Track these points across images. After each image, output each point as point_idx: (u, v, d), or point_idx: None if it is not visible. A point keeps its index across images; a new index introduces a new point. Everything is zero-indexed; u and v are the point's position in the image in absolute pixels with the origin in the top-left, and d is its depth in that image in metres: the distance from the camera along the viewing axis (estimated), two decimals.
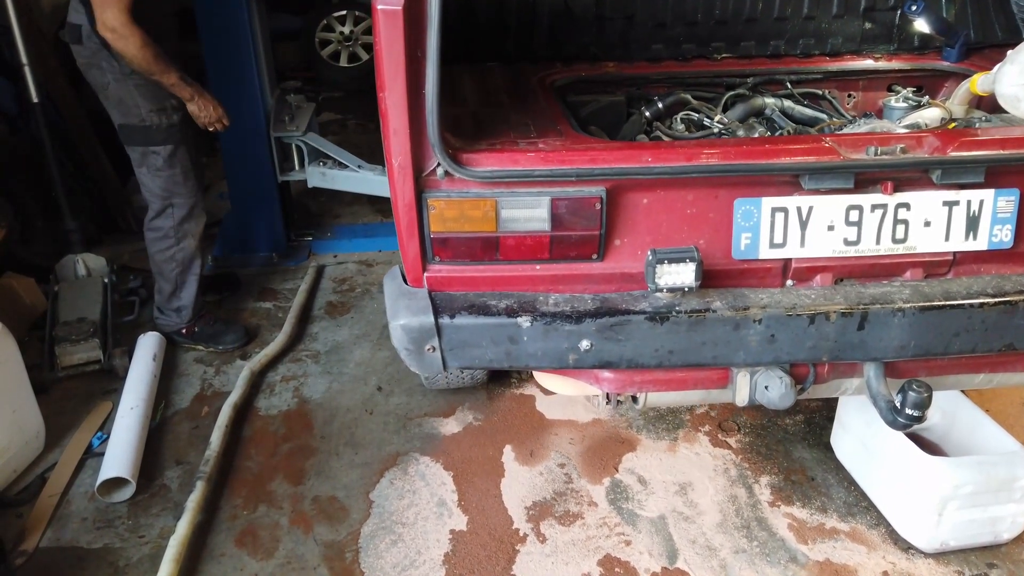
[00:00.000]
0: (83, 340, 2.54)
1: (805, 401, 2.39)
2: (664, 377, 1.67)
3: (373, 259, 3.40)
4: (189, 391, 2.52)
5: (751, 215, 1.56)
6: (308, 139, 3.20)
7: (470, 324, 1.55)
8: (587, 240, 1.57)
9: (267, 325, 2.89)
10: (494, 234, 1.56)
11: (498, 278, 1.61)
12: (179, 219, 2.53)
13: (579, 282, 1.61)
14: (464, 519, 1.99)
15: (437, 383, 2.40)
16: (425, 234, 1.56)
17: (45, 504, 2.03)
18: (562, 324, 1.54)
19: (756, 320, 1.54)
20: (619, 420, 2.33)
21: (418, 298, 1.59)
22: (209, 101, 2.38)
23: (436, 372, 1.66)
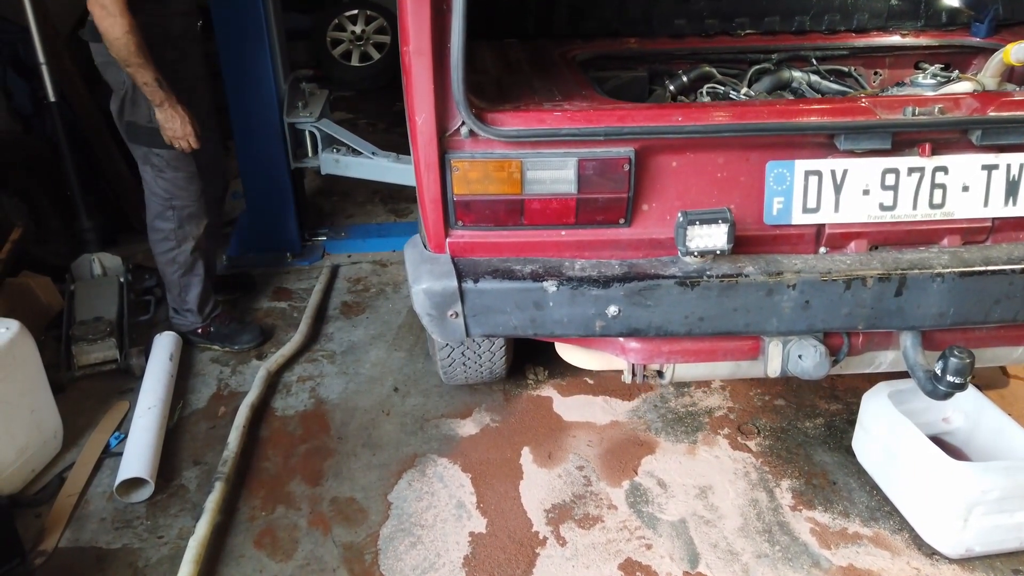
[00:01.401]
0: (100, 339, 2.54)
1: (825, 404, 2.38)
2: (693, 347, 1.62)
3: (388, 259, 3.39)
4: (206, 391, 2.52)
5: (784, 179, 1.51)
6: (322, 125, 3.18)
7: (494, 289, 1.51)
8: (615, 203, 1.52)
9: (282, 325, 2.89)
10: (519, 197, 1.51)
11: (522, 244, 1.57)
12: (179, 222, 2.51)
13: (606, 248, 1.55)
14: (483, 521, 1.98)
15: (455, 378, 2.35)
16: (448, 197, 1.51)
17: (64, 504, 2.03)
18: (589, 289, 1.48)
19: (790, 285, 1.48)
20: (637, 422, 2.32)
21: (441, 263, 1.55)
22: (179, 114, 2.26)
23: (459, 339, 1.60)
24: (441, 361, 2.27)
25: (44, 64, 2.69)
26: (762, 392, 2.44)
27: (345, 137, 3.19)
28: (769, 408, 2.37)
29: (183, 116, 2.26)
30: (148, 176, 2.44)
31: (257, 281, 3.17)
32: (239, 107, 3.07)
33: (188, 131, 2.28)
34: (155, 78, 2.18)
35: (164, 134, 2.29)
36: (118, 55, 2.13)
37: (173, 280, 2.60)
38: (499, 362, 2.30)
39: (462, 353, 2.22)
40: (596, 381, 2.52)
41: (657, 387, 2.47)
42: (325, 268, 3.25)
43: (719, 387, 2.47)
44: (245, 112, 3.08)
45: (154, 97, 2.22)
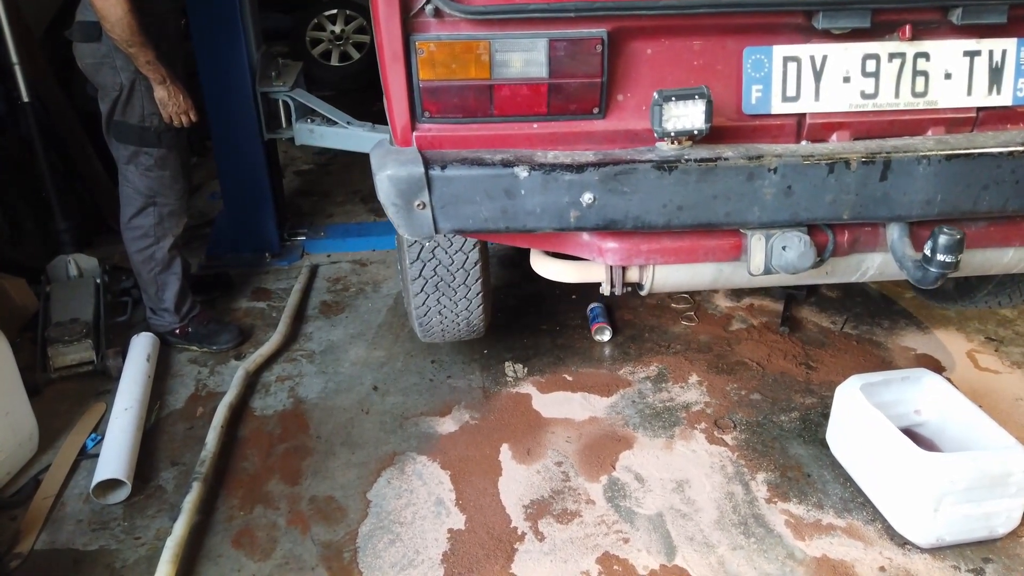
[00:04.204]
0: (76, 341, 2.52)
1: (800, 398, 2.41)
2: (672, 245, 1.57)
3: (367, 258, 3.39)
4: (183, 392, 2.51)
5: (762, 65, 1.48)
6: (295, 95, 3.15)
7: (463, 176, 1.45)
8: (588, 90, 1.47)
9: (261, 325, 2.88)
10: (488, 82, 1.46)
11: (492, 137, 1.51)
12: (159, 218, 2.51)
13: (580, 142, 1.51)
14: (462, 518, 1.99)
15: (432, 331, 2.29)
16: (414, 84, 1.46)
17: (39, 506, 2.01)
18: (563, 174, 1.44)
19: (771, 169, 1.45)
20: (615, 418, 2.34)
21: (407, 152, 1.49)
22: (179, 89, 2.33)
23: (427, 234, 1.54)
24: (416, 310, 2.23)
25: (17, 64, 2.67)
26: (738, 387, 2.47)
27: (319, 106, 3.16)
28: (745, 403, 2.39)
29: (184, 92, 2.32)
30: (132, 175, 2.43)
31: (235, 281, 3.16)
32: (211, 76, 3.01)
33: (189, 105, 2.34)
34: (156, 56, 2.21)
35: (165, 111, 2.32)
36: (120, 36, 2.13)
37: (149, 279, 2.59)
38: (476, 312, 2.25)
39: (437, 300, 2.19)
40: (575, 378, 2.53)
41: (635, 382, 2.50)
42: (304, 268, 3.24)
43: (696, 382, 2.49)
44: (217, 82, 3.02)
45: (156, 75, 2.24)
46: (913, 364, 2.56)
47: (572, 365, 2.60)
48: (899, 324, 2.79)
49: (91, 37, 2.24)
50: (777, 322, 2.81)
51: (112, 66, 2.27)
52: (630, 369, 2.57)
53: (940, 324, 2.78)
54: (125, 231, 2.55)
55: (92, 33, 2.24)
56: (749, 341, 2.71)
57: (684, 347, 2.68)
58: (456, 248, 2.10)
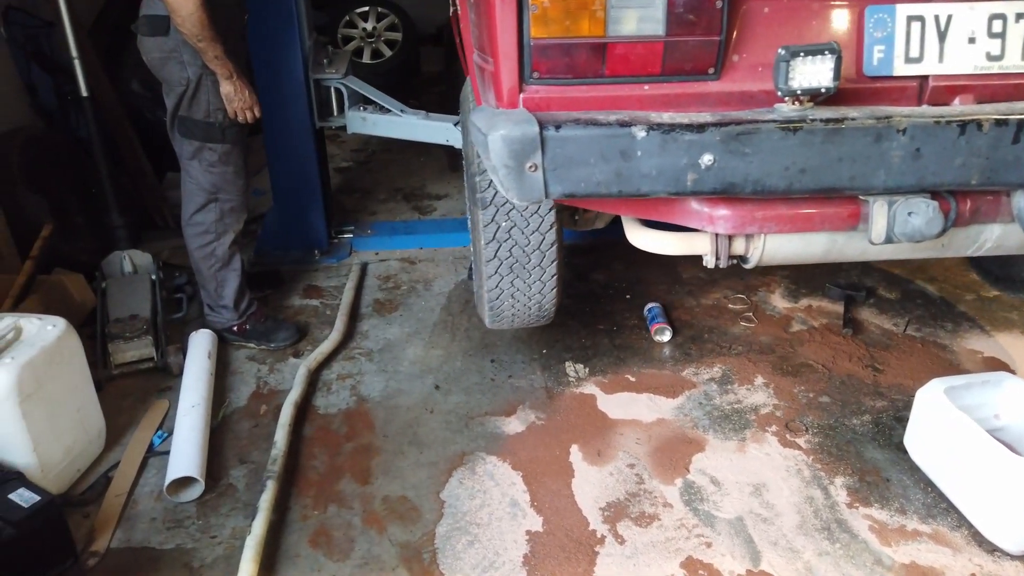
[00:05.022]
0: (136, 338, 2.51)
1: (870, 401, 2.37)
2: (788, 213, 1.51)
3: (415, 256, 3.37)
4: (245, 389, 2.49)
5: (884, 24, 1.43)
6: (348, 82, 3.12)
7: (578, 136, 1.40)
8: (705, 48, 1.43)
9: (316, 323, 2.86)
10: (602, 40, 1.42)
11: (601, 99, 1.47)
12: (221, 214, 2.50)
13: (692, 103, 1.46)
14: (539, 520, 1.96)
15: (502, 317, 2.25)
16: (525, 42, 1.42)
17: (112, 504, 2.00)
18: (683, 134, 1.38)
19: (900, 130, 1.39)
20: (684, 420, 2.31)
21: (519, 113, 1.44)
22: (246, 85, 2.33)
23: (537, 198, 1.48)
24: (488, 293, 2.19)
25: (77, 59, 2.65)
26: (806, 389, 2.43)
27: (373, 94, 3.13)
28: (815, 405, 2.36)
29: (250, 87, 2.32)
30: (195, 170, 2.41)
31: (286, 278, 3.14)
32: (264, 64, 2.97)
33: (254, 100, 2.34)
34: (223, 50, 2.20)
35: (230, 107, 2.31)
36: (191, 30, 2.12)
37: (209, 275, 2.57)
38: (549, 296, 2.22)
39: (511, 283, 2.18)
40: (638, 379, 2.50)
41: (700, 384, 2.46)
42: (355, 265, 3.22)
43: (762, 384, 2.46)
44: (270, 69, 2.96)
45: (223, 70, 2.23)
46: (981, 367, 2.52)
47: (634, 366, 2.57)
48: (962, 327, 2.75)
49: (159, 31, 2.22)
50: (838, 323, 2.78)
51: (179, 61, 2.25)
52: (693, 370, 2.54)
53: (1003, 327, 2.74)
54: (186, 227, 2.53)
55: (160, 27, 2.22)
56: (812, 343, 2.68)
57: (746, 348, 2.65)
58: (533, 228, 2.08)
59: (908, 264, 3.19)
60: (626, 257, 3.30)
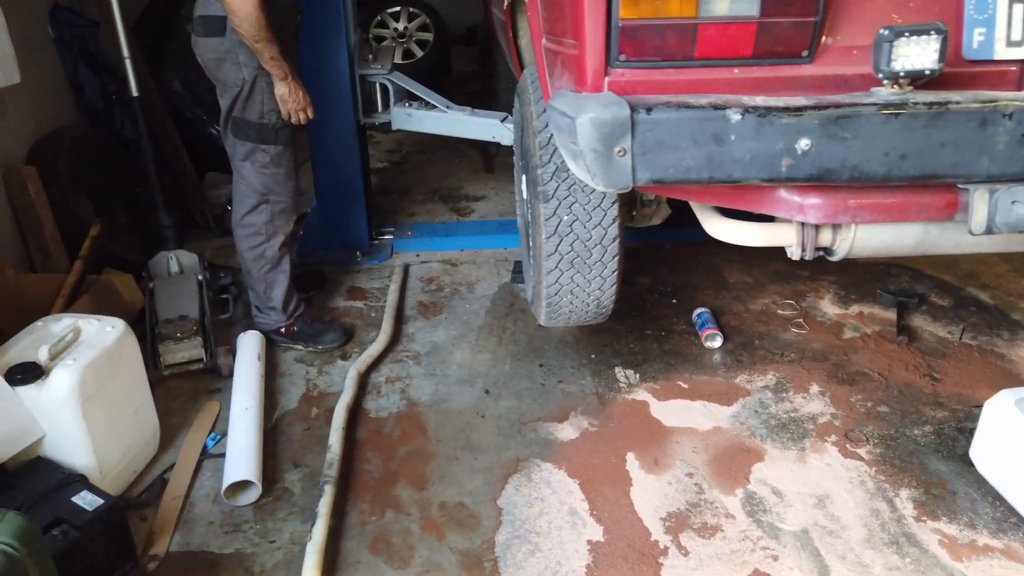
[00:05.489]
0: (186, 338, 2.51)
1: (930, 411, 2.33)
2: (883, 202, 1.46)
3: (457, 258, 3.35)
4: (295, 391, 2.48)
5: (985, 6, 1.38)
6: (394, 78, 3.11)
7: (670, 119, 1.36)
8: (800, 30, 1.39)
9: (362, 325, 2.85)
10: (693, 21, 1.39)
11: (689, 83, 1.43)
12: (271, 215, 2.49)
13: (783, 87, 1.42)
14: (599, 529, 1.93)
15: (559, 313, 2.22)
16: (613, 24, 1.39)
17: (170, 507, 1.99)
18: (779, 118, 1.34)
19: (1007, 114, 1.34)
20: (740, 428, 2.27)
21: (608, 96, 1.41)
22: (301, 86, 2.33)
23: (624, 184, 1.44)
24: (547, 289, 2.16)
25: (128, 58, 2.65)
26: (863, 398, 2.39)
27: (419, 90, 3.11)
28: (874, 415, 2.32)
29: (304, 89, 2.31)
30: (248, 172, 2.40)
31: (329, 279, 3.13)
32: (311, 58, 2.90)
33: (307, 101, 2.33)
34: (279, 51, 2.19)
35: (284, 108, 2.30)
36: (248, 31, 2.10)
37: (259, 276, 2.56)
38: (609, 292, 2.20)
39: (571, 279, 2.15)
40: (691, 385, 2.47)
41: (754, 391, 2.43)
42: (397, 267, 3.21)
43: (818, 393, 2.42)
44: (316, 65, 2.92)
45: (279, 71, 2.22)
46: None
47: (685, 372, 2.54)
48: (1019, 335, 2.69)
49: (215, 32, 2.21)
50: (891, 331, 2.73)
51: (235, 62, 2.24)
52: (746, 377, 2.50)
53: None
54: (237, 228, 2.52)
55: (216, 28, 2.21)
56: (866, 350, 2.63)
57: (799, 355, 2.61)
58: (595, 223, 2.05)
59: (958, 270, 3.13)
60: (670, 261, 3.27)
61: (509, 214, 3.81)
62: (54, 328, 1.99)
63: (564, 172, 2.03)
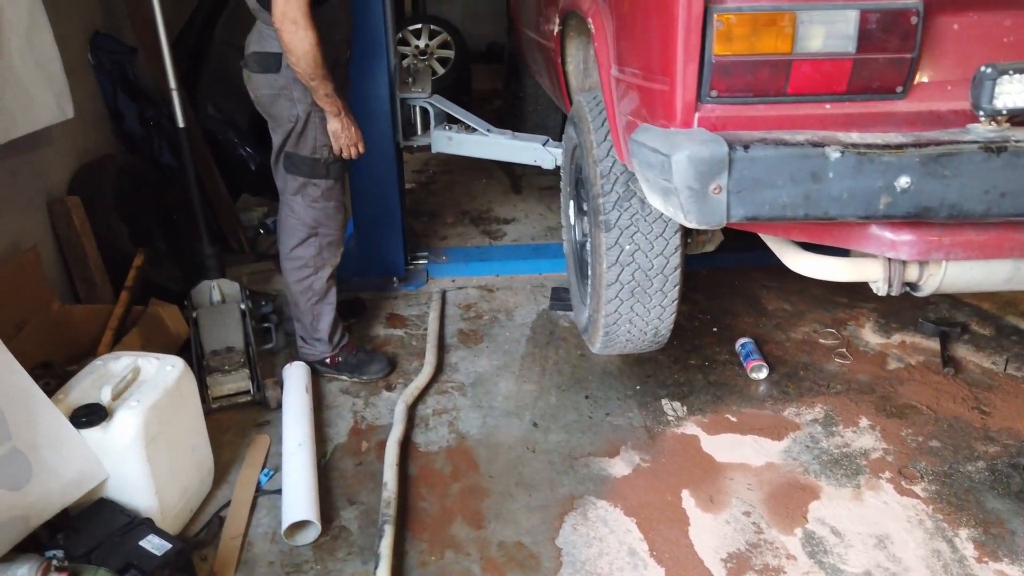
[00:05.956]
0: (234, 370, 2.51)
1: (982, 446, 2.32)
2: (977, 239, 1.45)
3: (493, 284, 3.35)
4: (343, 424, 2.48)
5: None
6: (435, 101, 3.11)
7: (768, 156, 1.36)
8: (895, 66, 1.39)
9: (403, 354, 2.85)
10: (788, 57, 1.39)
11: (780, 119, 1.43)
12: (319, 248, 2.50)
13: (876, 123, 1.42)
14: (661, 571, 1.93)
15: (615, 341, 2.22)
16: (706, 60, 1.39)
17: (229, 547, 1.99)
18: (880, 156, 1.34)
19: None
20: (793, 464, 2.27)
21: (702, 132, 1.40)
22: (353, 122, 2.34)
23: (717, 222, 1.44)
24: (606, 318, 2.16)
25: (175, 89, 2.66)
26: (913, 432, 2.38)
27: (459, 113, 3.12)
28: (925, 450, 2.31)
29: (355, 123, 2.32)
30: (298, 206, 2.41)
31: (368, 306, 3.13)
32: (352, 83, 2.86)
33: (359, 136, 2.34)
34: (334, 88, 2.20)
35: (337, 143, 2.31)
36: (304, 69, 2.11)
37: (306, 308, 2.57)
38: (668, 320, 2.21)
39: (631, 307, 2.16)
40: (739, 419, 2.47)
41: (803, 425, 2.42)
42: (435, 294, 3.21)
43: (868, 427, 2.41)
44: (357, 89, 2.90)
45: (333, 107, 2.23)
46: None
47: (732, 404, 2.54)
48: None
49: (269, 68, 2.22)
50: (935, 361, 2.73)
51: (289, 98, 2.25)
52: (794, 410, 2.50)
53: None
54: (285, 261, 2.53)
55: (271, 64, 2.22)
56: (912, 382, 2.63)
57: (845, 387, 2.61)
58: (657, 252, 2.06)
59: (996, 298, 3.13)
60: (707, 288, 3.27)
61: (541, 238, 3.82)
62: (114, 367, 1.99)
63: (627, 201, 2.03)
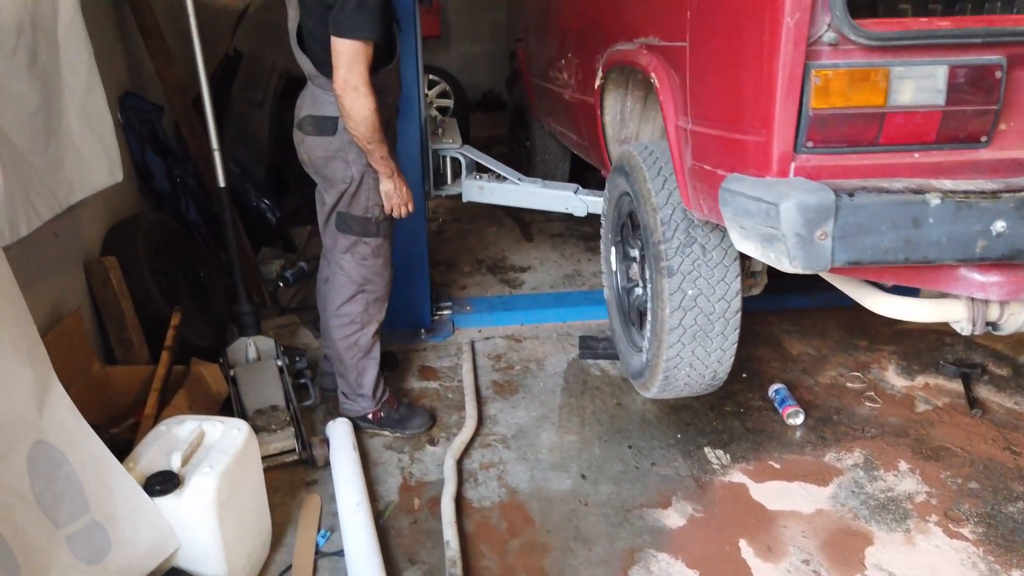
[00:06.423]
0: (280, 429, 2.50)
1: (1019, 487, 2.40)
2: None
3: (519, 333, 3.39)
4: (391, 481, 2.47)
5: None
6: (465, 151, 3.18)
7: (872, 203, 1.43)
8: (980, 117, 1.48)
9: (441, 407, 2.86)
10: (881, 109, 1.47)
11: (871, 168, 1.51)
12: (366, 305, 2.53)
13: (961, 171, 1.50)
14: None
15: (674, 385, 2.32)
16: (803, 113, 1.47)
17: None
18: (977, 201, 1.41)
19: None
20: (842, 510, 2.31)
21: (806, 181, 1.48)
22: (404, 182, 2.39)
23: (822, 267, 1.49)
24: (666, 363, 2.23)
25: (217, 150, 2.69)
26: (952, 475, 2.45)
27: (490, 163, 3.19)
28: (966, 492, 2.38)
29: (406, 184, 2.37)
30: (348, 263, 2.44)
31: (400, 359, 3.14)
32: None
33: (410, 195, 2.38)
34: (389, 150, 2.25)
35: (388, 202, 2.35)
36: (363, 133, 2.16)
37: (351, 364, 2.58)
38: (727, 363, 2.29)
39: (692, 351, 2.23)
40: (783, 465, 2.51)
41: (845, 470, 2.48)
42: (464, 345, 3.23)
43: (908, 470, 2.48)
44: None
45: (387, 168, 2.27)
46: None
47: (774, 451, 2.59)
48: None
49: (325, 131, 2.26)
50: (960, 402, 2.81)
51: (344, 159, 2.29)
52: (835, 455, 2.55)
53: None
54: (332, 318, 2.54)
55: (327, 127, 2.26)
56: (942, 424, 2.70)
57: (879, 431, 2.67)
58: (719, 296, 2.14)
59: (1009, 339, 3.24)
60: None
61: (560, 285, 3.87)
62: (178, 432, 1.98)
63: (688, 247, 2.11)
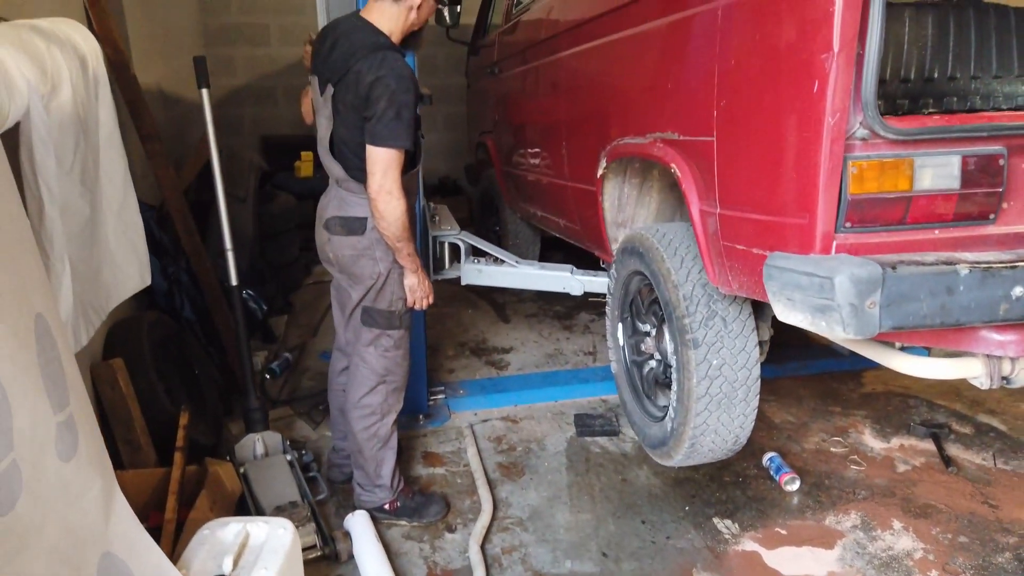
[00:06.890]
0: (302, 525, 2.49)
1: (1002, 538, 2.60)
2: None
3: (514, 414, 3.47)
4: (417, 572, 2.48)
5: None
6: (464, 236, 3.30)
7: (912, 274, 1.64)
8: (989, 198, 1.73)
9: (452, 492, 2.89)
10: (908, 194, 1.71)
11: (899, 244, 1.74)
12: (386, 395, 2.58)
13: (974, 245, 1.75)
14: None
15: (699, 452, 2.49)
16: (842, 198, 1.69)
17: None
18: (1000, 270, 1.65)
19: None
20: (851, 571, 2.45)
21: (851, 257, 1.70)
22: (427, 276, 2.51)
23: (870, 333, 1.68)
24: (694, 431, 2.39)
25: (230, 250, 2.74)
26: (941, 530, 2.64)
27: (488, 247, 3.33)
28: (957, 546, 2.56)
29: (428, 277, 2.48)
30: (371, 356, 2.50)
31: (403, 446, 3.17)
32: None
33: (431, 288, 2.50)
34: (415, 248, 2.37)
35: (412, 296, 2.46)
36: (395, 232, 2.27)
37: (371, 455, 2.60)
38: (748, 427, 2.45)
39: (717, 418, 2.38)
40: (788, 531, 2.65)
41: (846, 532, 2.63)
42: (466, 429, 3.29)
43: (902, 528, 2.65)
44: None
45: (413, 264, 2.39)
46: None
47: (777, 517, 2.72)
48: None
49: (354, 231, 2.36)
50: (935, 461, 3.04)
51: (372, 257, 2.38)
52: (834, 518, 2.71)
53: None
54: (353, 409, 2.58)
55: (356, 227, 2.36)
56: (923, 483, 2.91)
57: (869, 492, 2.85)
58: (741, 364, 2.31)
59: (964, 398, 3.53)
60: None
61: (545, 365, 3.99)
62: (222, 535, 1.97)
63: (711, 320, 2.29)
